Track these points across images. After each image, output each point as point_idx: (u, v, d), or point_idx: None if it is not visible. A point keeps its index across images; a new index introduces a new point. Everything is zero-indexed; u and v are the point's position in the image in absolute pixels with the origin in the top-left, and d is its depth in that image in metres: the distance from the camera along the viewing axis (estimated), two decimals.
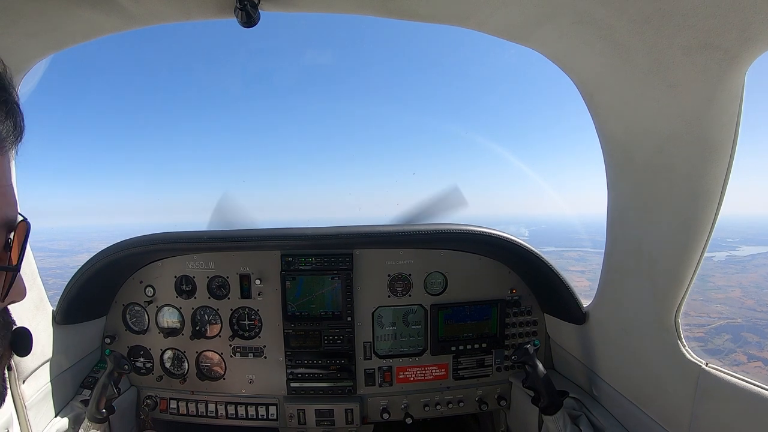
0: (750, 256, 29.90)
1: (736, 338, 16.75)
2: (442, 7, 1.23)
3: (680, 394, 1.39)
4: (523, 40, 1.34)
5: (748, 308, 20.39)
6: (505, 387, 2.34)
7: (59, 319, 1.89)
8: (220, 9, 1.20)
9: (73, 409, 1.94)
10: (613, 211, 1.59)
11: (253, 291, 2.24)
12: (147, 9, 1.20)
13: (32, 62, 1.32)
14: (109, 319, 2.25)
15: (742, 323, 18.77)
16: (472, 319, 2.28)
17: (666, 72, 1.10)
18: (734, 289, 22.99)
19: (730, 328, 17.68)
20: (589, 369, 1.95)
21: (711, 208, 1.19)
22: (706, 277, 22.11)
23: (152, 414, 2.27)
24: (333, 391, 2.26)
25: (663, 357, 1.45)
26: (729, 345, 16.08)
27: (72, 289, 1.94)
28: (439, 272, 2.28)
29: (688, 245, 1.26)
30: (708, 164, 1.14)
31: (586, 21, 1.13)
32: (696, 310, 18.18)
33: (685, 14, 0.94)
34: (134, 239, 1.96)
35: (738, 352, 15.65)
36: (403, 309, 2.29)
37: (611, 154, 1.49)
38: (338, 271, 2.21)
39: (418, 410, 2.30)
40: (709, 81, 1.03)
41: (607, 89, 1.34)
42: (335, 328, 2.24)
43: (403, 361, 2.30)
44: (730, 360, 14.64)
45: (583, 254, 19.61)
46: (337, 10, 1.28)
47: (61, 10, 1.14)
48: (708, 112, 1.08)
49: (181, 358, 2.28)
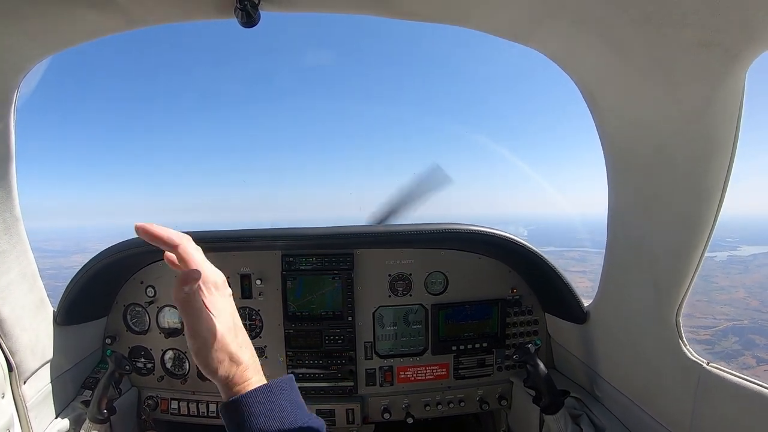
0: (751, 256, 29.84)
1: (743, 340, 16.62)
2: (442, 6, 1.22)
3: (681, 393, 1.39)
4: (523, 40, 1.34)
5: (753, 309, 20.30)
6: (506, 386, 2.34)
7: (60, 320, 1.89)
8: (220, 9, 1.20)
9: (74, 410, 1.94)
10: (614, 210, 1.59)
11: (253, 291, 2.24)
12: (147, 9, 1.20)
13: (33, 63, 1.32)
14: (109, 320, 2.25)
15: (749, 325, 18.65)
16: (472, 319, 2.28)
17: (666, 71, 1.10)
18: (738, 289, 22.91)
19: (737, 330, 17.55)
20: (590, 368, 1.95)
21: (712, 207, 1.19)
22: (708, 278, 22.03)
23: (153, 414, 2.26)
24: (334, 390, 2.26)
25: (664, 356, 1.45)
26: (736, 347, 15.97)
27: (73, 289, 1.94)
28: (439, 272, 2.28)
29: (688, 244, 1.26)
30: (709, 163, 1.14)
31: (587, 20, 1.13)
32: (701, 312, 18.08)
33: (686, 13, 0.93)
34: (135, 239, 1.96)
35: (746, 354, 15.56)
36: (403, 309, 2.29)
37: (611, 153, 1.49)
38: (339, 271, 2.21)
39: (419, 410, 2.30)
40: (710, 80, 1.03)
41: (607, 88, 1.34)
42: (336, 328, 2.24)
43: (404, 360, 2.30)
44: (739, 363, 14.52)
45: (583, 254, 19.55)
46: (338, 10, 1.28)
47: (61, 10, 1.14)
48: (709, 110, 1.08)
49: (182, 359, 2.28)
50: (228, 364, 0.81)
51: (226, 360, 0.81)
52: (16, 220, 1.53)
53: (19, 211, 1.53)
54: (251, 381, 0.83)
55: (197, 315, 0.78)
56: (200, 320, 0.78)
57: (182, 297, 0.75)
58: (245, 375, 0.83)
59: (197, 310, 0.78)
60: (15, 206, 1.51)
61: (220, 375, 0.80)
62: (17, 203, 1.51)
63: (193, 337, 0.78)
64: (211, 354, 0.79)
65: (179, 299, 0.76)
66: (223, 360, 0.80)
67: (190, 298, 0.76)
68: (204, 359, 0.79)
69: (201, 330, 0.78)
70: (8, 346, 1.55)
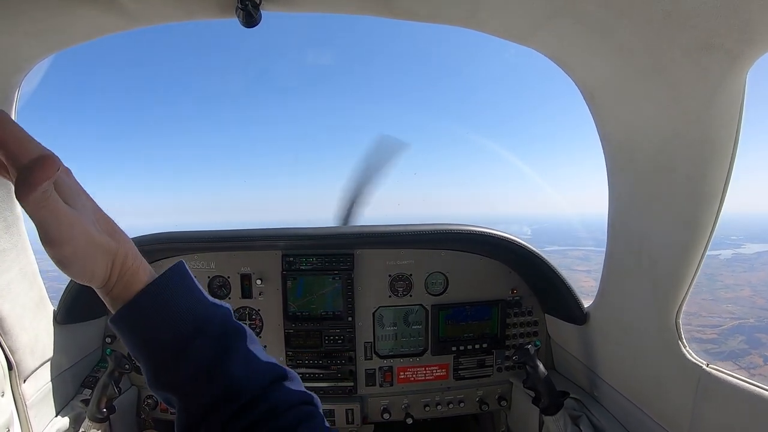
0: (756, 254, 29.70)
1: (750, 339, 16.49)
2: (442, 7, 1.22)
3: (681, 395, 1.39)
4: (524, 41, 1.34)
5: (759, 308, 20.14)
6: (505, 387, 2.34)
7: (60, 319, 1.89)
8: (221, 9, 1.20)
9: (73, 409, 1.94)
10: (614, 211, 1.59)
11: (254, 291, 2.24)
12: (148, 9, 1.20)
13: (34, 62, 1.33)
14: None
15: (756, 324, 18.47)
16: (472, 320, 2.28)
17: (667, 72, 1.10)
18: (743, 288, 22.77)
19: (744, 329, 17.40)
20: (589, 369, 1.95)
21: (712, 209, 1.19)
22: (714, 276, 21.89)
23: (153, 413, 2.26)
24: (334, 391, 2.26)
25: (664, 357, 1.45)
26: (743, 346, 15.84)
27: (73, 288, 1.94)
28: (439, 272, 2.28)
29: (689, 246, 1.26)
30: (709, 165, 1.14)
31: (588, 22, 1.13)
32: (707, 310, 17.95)
33: (687, 15, 0.93)
34: (135, 239, 1.97)
35: (753, 354, 15.44)
36: (403, 309, 2.29)
37: (612, 154, 1.49)
38: (339, 271, 2.21)
39: (419, 410, 2.30)
40: (710, 82, 1.03)
41: (607, 90, 1.34)
42: (336, 328, 2.24)
43: (404, 361, 2.30)
44: (746, 362, 14.41)
45: (587, 253, 19.47)
46: (338, 10, 1.28)
47: (62, 9, 1.14)
48: (709, 112, 1.08)
49: None
50: (103, 259, 0.62)
51: (100, 255, 0.62)
52: (17, 219, 1.54)
53: (19, 209, 1.53)
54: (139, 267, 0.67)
55: (59, 215, 0.56)
56: (62, 220, 0.57)
57: (38, 198, 0.52)
58: (126, 263, 0.65)
59: (58, 209, 0.56)
60: (15, 205, 1.51)
61: (99, 275, 0.63)
62: (17, 202, 1.52)
63: (58, 245, 0.57)
64: (85, 255, 0.60)
65: (34, 202, 0.52)
66: (96, 257, 0.61)
67: (47, 196, 0.54)
68: (78, 266, 0.60)
69: (63, 232, 0.57)
70: (8, 345, 1.56)
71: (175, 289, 0.67)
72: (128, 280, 0.65)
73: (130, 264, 0.65)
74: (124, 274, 0.65)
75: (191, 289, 0.69)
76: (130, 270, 0.65)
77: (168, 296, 0.66)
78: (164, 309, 0.65)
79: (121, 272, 0.65)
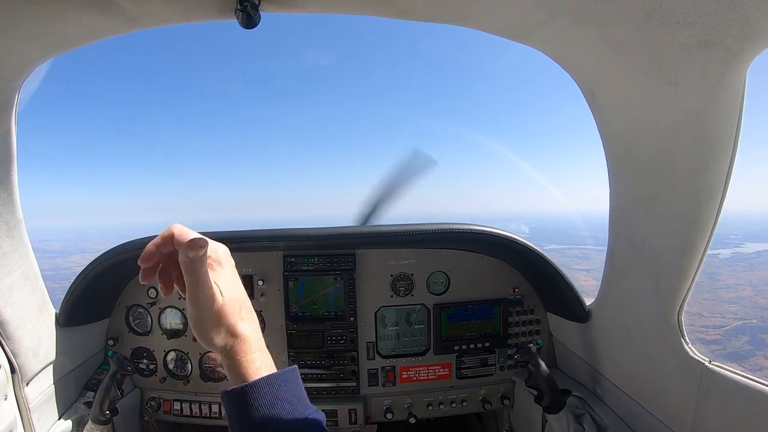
0: (756, 253, 29.62)
1: (754, 340, 16.35)
2: (442, 6, 1.22)
3: (684, 392, 1.39)
4: (524, 39, 1.34)
5: (761, 308, 20.06)
6: (508, 386, 2.34)
7: (62, 322, 1.89)
8: (220, 10, 1.20)
9: (76, 411, 1.94)
10: (615, 208, 1.58)
11: (255, 292, 2.24)
12: (147, 11, 1.20)
13: (33, 65, 1.32)
14: (112, 321, 2.25)
15: (759, 324, 18.37)
16: (474, 319, 2.28)
17: (667, 69, 1.09)
18: (745, 287, 22.70)
19: (748, 330, 17.27)
20: (592, 367, 1.95)
21: (713, 206, 1.19)
22: (714, 275, 21.81)
23: (156, 415, 2.27)
24: (336, 391, 2.26)
25: (666, 355, 1.45)
26: (747, 347, 15.72)
27: (75, 291, 1.95)
28: (441, 272, 2.28)
29: (690, 242, 1.26)
30: (710, 161, 1.14)
31: (587, 19, 1.13)
32: (709, 311, 17.86)
33: (686, 12, 0.93)
34: (137, 241, 1.97)
35: (758, 355, 15.33)
36: (405, 309, 2.29)
37: (612, 151, 1.49)
38: (341, 271, 2.21)
39: (422, 410, 2.30)
40: (710, 78, 1.02)
41: (608, 87, 1.34)
42: (338, 329, 2.24)
43: (406, 360, 2.30)
44: (752, 364, 14.29)
45: (586, 252, 19.40)
46: (338, 10, 1.28)
47: (60, 12, 1.14)
48: (709, 109, 1.08)
49: (185, 360, 2.28)
50: (225, 335, 0.81)
51: (223, 331, 0.81)
52: (18, 222, 1.54)
53: (21, 213, 1.54)
54: (252, 357, 0.83)
55: (199, 283, 0.77)
56: (202, 288, 0.78)
57: (187, 261, 0.75)
58: (244, 348, 0.83)
59: (200, 277, 0.77)
60: (17, 208, 1.51)
61: (216, 344, 0.81)
62: (19, 205, 1.52)
63: (193, 305, 0.78)
64: (209, 323, 0.79)
65: (184, 263, 0.75)
66: (220, 331, 0.80)
67: (195, 264, 0.76)
68: (201, 328, 0.80)
69: (200, 298, 0.78)
70: (11, 348, 1.56)
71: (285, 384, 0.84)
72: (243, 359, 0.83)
73: (248, 350, 0.84)
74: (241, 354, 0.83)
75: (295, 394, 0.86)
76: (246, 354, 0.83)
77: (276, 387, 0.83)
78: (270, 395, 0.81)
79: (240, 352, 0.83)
